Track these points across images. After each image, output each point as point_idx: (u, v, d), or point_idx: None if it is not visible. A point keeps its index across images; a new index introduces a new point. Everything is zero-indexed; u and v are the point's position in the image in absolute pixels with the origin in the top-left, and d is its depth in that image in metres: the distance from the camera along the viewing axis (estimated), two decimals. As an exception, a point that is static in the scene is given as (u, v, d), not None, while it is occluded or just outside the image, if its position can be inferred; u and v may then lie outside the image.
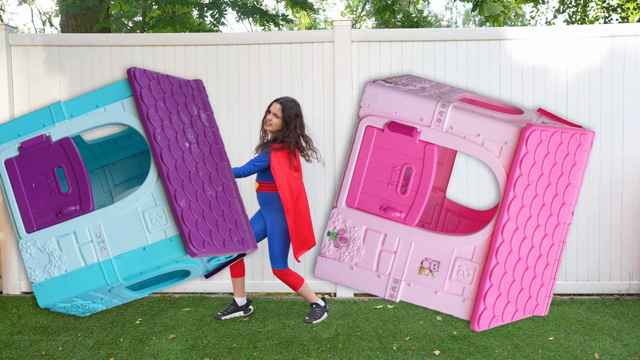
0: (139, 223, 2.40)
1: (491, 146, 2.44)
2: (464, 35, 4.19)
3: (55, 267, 2.43)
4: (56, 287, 2.45)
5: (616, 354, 3.01)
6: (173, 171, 2.41)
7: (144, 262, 2.39)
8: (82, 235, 2.42)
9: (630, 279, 4.17)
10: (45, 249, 2.44)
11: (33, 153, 2.46)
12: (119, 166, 3.22)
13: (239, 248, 2.68)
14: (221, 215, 2.62)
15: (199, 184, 2.55)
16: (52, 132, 2.47)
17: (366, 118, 2.57)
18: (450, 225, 3.28)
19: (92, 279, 2.42)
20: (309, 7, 7.65)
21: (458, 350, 3.07)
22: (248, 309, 3.70)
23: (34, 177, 2.46)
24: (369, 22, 13.11)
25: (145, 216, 2.40)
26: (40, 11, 9.40)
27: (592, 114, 4.14)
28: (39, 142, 2.47)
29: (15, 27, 6.63)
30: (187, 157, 2.53)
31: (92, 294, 2.52)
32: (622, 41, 4.12)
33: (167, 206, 2.40)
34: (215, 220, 2.55)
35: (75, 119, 2.48)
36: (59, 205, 2.44)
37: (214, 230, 2.51)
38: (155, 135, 2.39)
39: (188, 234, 2.33)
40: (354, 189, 2.60)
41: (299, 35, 4.26)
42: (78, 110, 2.49)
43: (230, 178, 2.82)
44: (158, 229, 2.40)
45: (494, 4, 6.09)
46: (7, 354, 3.04)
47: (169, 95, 2.59)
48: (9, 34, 4.26)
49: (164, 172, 2.37)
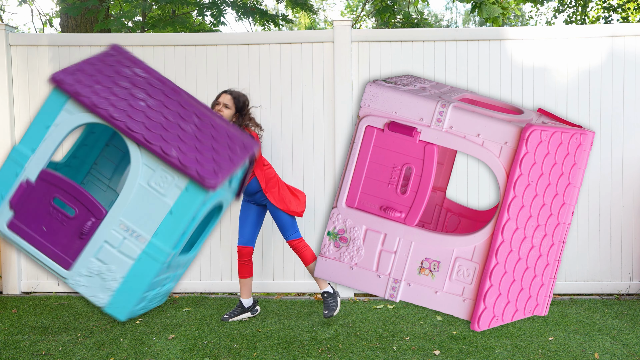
0: (151, 195, 2.40)
1: (491, 146, 2.44)
2: (464, 35, 4.19)
3: (111, 281, 2.45)
4: (123, 296, 2.48)
5: (616, 354, 3.01)
6: (147, 133, 2.41)
7: (179, 223, 2.40)
8: (114, 238, 2.43)
9: (630, 279, 4.17)
10: (92, 272, 2.45)
11: (24, 203, 2.47)
12: (101, 162, 3.23)
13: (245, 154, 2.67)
14: (211, 138, 2.61)
15: (175, 127, 2.53)
16: (27, 174, 2.48)
17: (366, 118, 2.57)
18: (450, 225, 3.28)
19: (148, 268, 2.43)
20: (309, 7, 7.66)
21: (458, 350, 3.07)
22: (255, 309, 3.70)
23: (39, 221, 2.47)
24: (369, 22, 13.11)
25: (152, 185, 2.40)
26: (41, 12, 9.40)
27: (592, 114, 4.14)
28: (22, 190, 2.48)
29: (15, 27, 6.63)
30: (150, 113, 2.52)
31: (156, 280, 2.53)
32: (622, 41, 4.12)
33: (163, 165, 2.41)
34: (210, 147, 2.54)
35: (37, 150, 2.49)
36: (77, 228, 2.44)
37: (215, 155, 2.50)
38: (112, 115, 2.39)
39: (196, 172, 2.34)
40: (354, 189, 2.60)
41: (298, 35, 4.26)
42: (34, 141, 2.49)
43: (196, 103, 2.80)
44: (170, 188, 2.41)
45: (492, 5, 6.09)
46: (7, 354, 3.04)
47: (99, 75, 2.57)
48: (9, 34, 4.26)
49: (140, 139, 2.37)
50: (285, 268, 4.26)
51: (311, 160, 4.22)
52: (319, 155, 4.21)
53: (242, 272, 3.62)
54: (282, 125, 4.23)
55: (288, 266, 4.25)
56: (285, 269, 4.27)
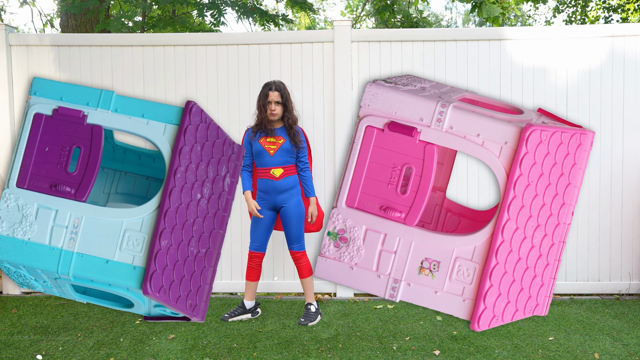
0: (116, 237, 2.43)
1: (491, 146, 2.44)
2: (464, 35, 4.19)
3: (21, 230, 2.45)
4: (12, 247, 2.47)
5: (616, 354, 3.01)
6: (172, 211, 2.45)
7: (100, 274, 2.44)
8: (62, 217, 2.44)
9: (630, 279, 4.17)
10: (23, 209, 2.45)
11: (63, 122, 2.48)
12: (129, 178, 3.24)
13: (188, 312, 2.75)
14: (190, 274, 2.66)
15: (188, 236, 2.59)
16: (91, 113, 2.49)
17: (366, 118, 2.57)
18: (450, 225, 3.28)
19: (47, 260, 2.45)
20: (309, 7, 7.65)
21: (458, 350, 3.07)
22: (256, 311, 3.70)
23: (52, 143, 2.47)
24: (369, 22, 13.11)
25: (125, 234, 2.43)
26: (41, 12, 9.40)
27: (592, 114, 4.14)
28: (74, 115, 2.48)
29: (15, 27, 6.63)
30: (192, 207, 2.57)
31: (39, 272, 2.54)
32: (622, 41, 4.12)
33: (149, 238, 2.44)
34: (182, 276, 2.60)
35: (117, 114, 2.50)
36: (58, 179, 2.45)
37: (175, 282, 2.55)
38: (177, 172, 2.43)
39: (152, 273, 2.38)
40: (354, 189, 2.60)
41: (299, 35, 4.26)
42: (124, 109, 2.51)
43: (218, 247, 2.87)
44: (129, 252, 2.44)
45: (492, 5, 6.09)
46: (7, 354, 3.04)
47: (209, 145, 2.62)
48: (9, 34, 4.26)
49: (164, 208, 2.41)
50: (286, 268, 4.26)
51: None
52: (319, 155, 4.21)
53: (250, 275, 3.61)
54: (282, 125, 4.23)
55: (288, 266, 4.25)
56: (285, 269, 4.27)
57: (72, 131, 2.53)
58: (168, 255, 2.49)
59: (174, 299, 2.59)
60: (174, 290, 2.58)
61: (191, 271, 2.69)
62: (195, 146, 2.56)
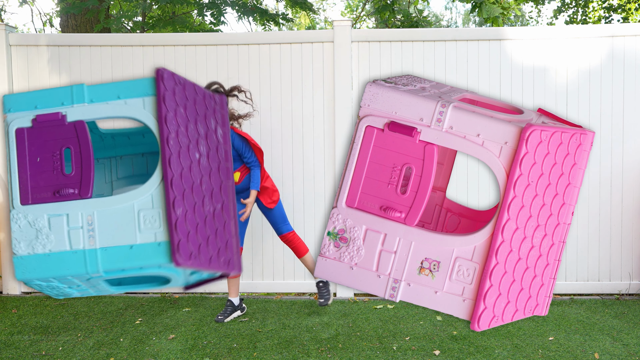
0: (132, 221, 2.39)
1: (491, 146, 2.44)
2: (464, 35, 4.19)
3: (40, 244, 2.42)
4: (37, 264, 2.44)
5: (616, 354, 3.01)
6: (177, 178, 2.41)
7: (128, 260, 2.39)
8: (74, 219, 2.42)
9: (630, 279, 4.17)
10: (35, 224, 2.42)
11: (45, 128, 2.46)
12: (125, 161, 3.22)
13: (223, 268, 2.69)
14: (214, 232, 2.62)
15: (200, 196, 2.55)
16: (69, 112, 2.47)
17: (366, 118, 2.57)
18: (450, 225, 3.28)
19: (74, 264, 2.41)
20: (309, 7, 7.65)
21: (458, 350, 3.07)
22: (242, 307, 3.77)
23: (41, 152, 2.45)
24: (369, 22, 13.11)
25: (139, 215, 2.39)
26: (41, 12, 9.40)
27: (592, 114, 4.13)
28: (53, 118, 2.46)
29: (15, 27, 6.63)
30: (194, 168, 2.53)
31: (70, 279, 2.51)
32: (622, 41, 4.12)
33: (163, 211, 2.40)
34: (207, 236, 2.56)
35: (94, 104, 2.47)
36: (59, 185, 2.43)
37: (203, 244, 2.51)
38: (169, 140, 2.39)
39: (177, 242, 2.33)
40: (354, 189, 2.60)
41: (299, 35, 4.26)
42: (99, 97, 2.48)
43: (232, 198, 2.83)
44: (149, 231, 2.40)
45: (492, 5, 6.09)
46: (7, 354, 3.04)
47: (191, 104, 2.59)
48: (9, 33, 4.26)
49: (168, 177, 2.37)
50: (285, 268, 4.26)
51: (311, 160, 4.22)
52: (319, 155, 4.21)
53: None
54: (282, 125, 4.23)
55: (288, 266, 4.25)
56: (285, 269, 4.27)
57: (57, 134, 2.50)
58: (187, 221, 2.44)
59: (207, 261, 2.53)
60: (203, 253, 2.53)
61: (214, 228, 2.65)
62: (178, 109, 2.51)
